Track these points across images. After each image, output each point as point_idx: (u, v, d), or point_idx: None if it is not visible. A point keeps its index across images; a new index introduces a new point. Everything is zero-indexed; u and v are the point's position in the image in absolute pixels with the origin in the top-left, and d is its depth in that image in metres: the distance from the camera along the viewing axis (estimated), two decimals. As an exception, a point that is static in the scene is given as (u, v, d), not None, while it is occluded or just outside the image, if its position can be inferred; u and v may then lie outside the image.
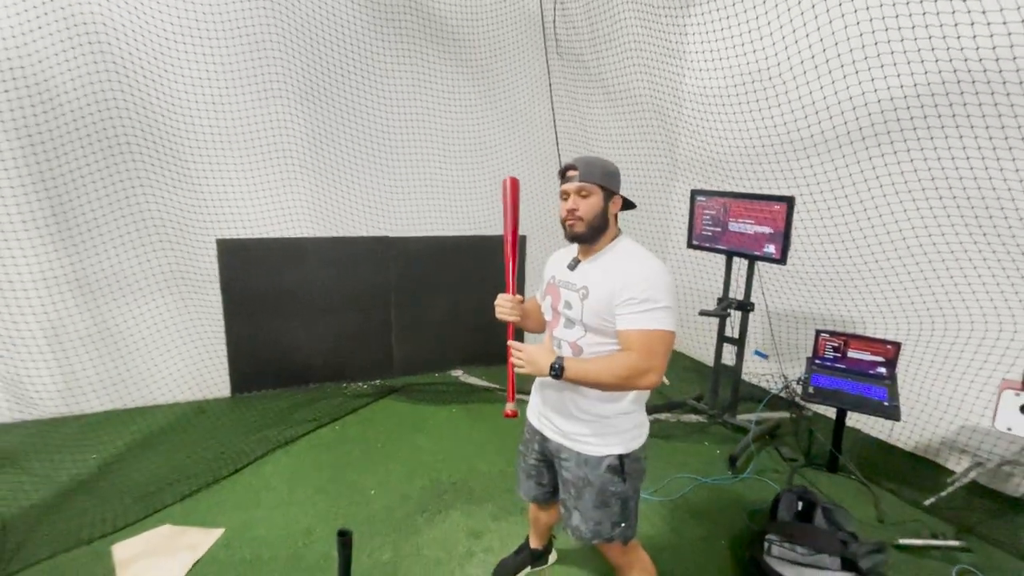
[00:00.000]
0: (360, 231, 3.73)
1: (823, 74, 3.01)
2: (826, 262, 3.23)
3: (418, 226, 3.88)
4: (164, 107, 3.10)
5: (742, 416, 3.28)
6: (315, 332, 3.72)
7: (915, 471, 2.84)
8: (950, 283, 2.68)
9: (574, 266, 1.55)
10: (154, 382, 3.38)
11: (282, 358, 3.66)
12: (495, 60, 3.82)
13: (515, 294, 1.62)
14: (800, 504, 1.99)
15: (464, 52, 3.76)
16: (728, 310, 3.15)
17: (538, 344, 1.60)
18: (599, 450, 1.52)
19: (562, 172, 1.52)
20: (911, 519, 2.45)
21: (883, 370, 2.59)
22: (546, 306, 1.63)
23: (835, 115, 3.02)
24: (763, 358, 3.78)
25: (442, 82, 3.76)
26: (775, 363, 3.52)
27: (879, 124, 2.86)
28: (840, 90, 2.97)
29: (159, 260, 3.25)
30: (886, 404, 2.47)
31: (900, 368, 2.70)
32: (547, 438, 1.64)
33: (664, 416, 3.45)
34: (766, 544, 1.89)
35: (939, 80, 2.53)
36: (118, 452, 2.85)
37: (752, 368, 3.74)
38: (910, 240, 2.83)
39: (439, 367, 4.12)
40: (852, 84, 2.90)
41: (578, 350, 1.51)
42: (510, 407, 1.56)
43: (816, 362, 2.76)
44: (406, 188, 3.81)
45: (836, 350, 2.69)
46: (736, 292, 3.21)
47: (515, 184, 1.63)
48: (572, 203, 1.47)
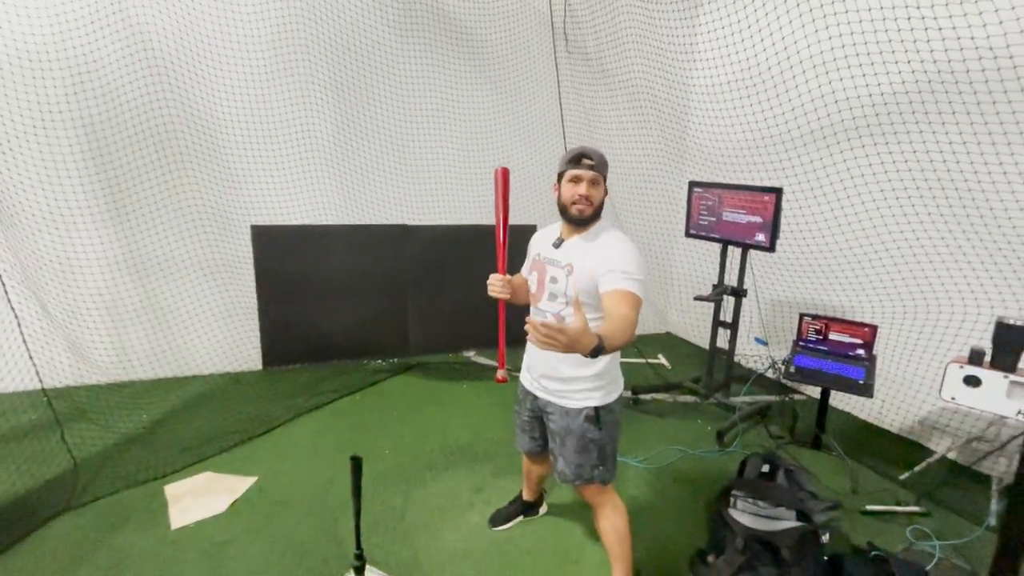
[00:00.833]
0: (380, 219, 4.03)
1: (810, 71, 3.15)
2: (811, 250, 3.38)
3: (434, 215, 4.16)
4: (207, 107, 3.45)
5: (735, 397, 3.47)
6: (338, 313, 4.04)
7: (894, 449, 3.00)
8: (919, 270, 2.86)
9: (558, 245, 1.78)
10: (195, 354, 3.75)
11: (308, 336, 4.00)
12: (506, 58, 4.06)
13: (505, 275, 1.83)
14: (766, 466, 2.19)
15: (477, 51, 4.01)
16: (722, 296, 3.33)
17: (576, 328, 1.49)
18: (578, 403, 1.76)
19: (576, 158, 1.69)
20: (885, 490, 2.62)
21: (861, 351, 2.75)
22: (532, 280, 1.87)
23: (820, 111, 3.16)
24: (763, 344, 3.93)
25: (457, 80, 4.02)
26: (768, 346, 3.69)
27: (859, 120, 3.01)
28: (822, 86, 3.12)
29: (200, 245, 3.62)
30: (861, 382, 2.64)
31: (880, 350, 2.84)
32: (537, 396, 1.88)
33: (661, 396, 3.66)
34: (731, 499, 2.10)
35: (913, 80, 2.67)
36: (165, 413, 3.22)
37: (747, 351, 3.90)
38: (886, 229, 2.97)
39: (452, 348, 4.41)
40: (835, 81, 3.05)
41: (560, 320, 1.75)
42: (501, 373, 1.83)
43: (800, 344, 2.94)
44: (423, 179, 4.09)
45: (818, 332, 2.86)
46: (730, 279, 3.39)
47: (505, 173, 1.86)
48: (585, 189, 1.67)
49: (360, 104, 3.82)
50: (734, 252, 3.35)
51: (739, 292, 3.30)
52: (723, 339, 3.50)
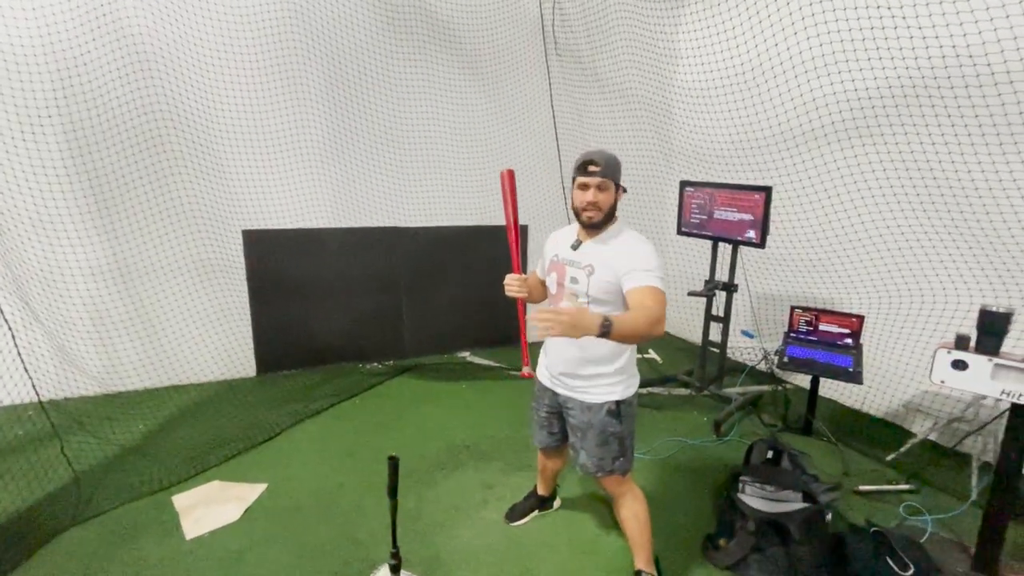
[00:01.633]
0: (374, 222, 4.02)
1: (795, 71, 3.30)
2: (801, 245, 3.53)
3: (427, 217, 4.17)
4: (197, 108, 3.38)
5: (727, 389, 3.60)
6: (333, 316, 4.02)
7: (880, 432, 3.16)
8: (903, 263, 3.03)
9: (577, 246, 1.83)
10: (187, 362, 3.68)
11: (303, 340, 3.96)
12: (498, 61, 4.11)
13: (521, 273, 1.83)
14: (770, 452, 2.30)
15: (469, 54, 4.04)
16: (714, 291, 3.45)
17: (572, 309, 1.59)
18: (599, 398, 1.82)
19: (583, 166, 1.74)
20: (873, 471, 2.77)
21: (849, 340, 2.90)
22: (550, 281, 1.92)
23: (811, 111, 3.32)
24: (750, 337, 4.08)
25: (449, 82, 4.04)
26: (758, 339, 3.83)
27: (848, 120, 3.16)
28: (800, 86, 3.27)
29: (190, 250, 3.54)
30: (851, 370, 2.78)
31: (865, 339, 3.00)
32: (557, 393, 1.93)
33: (656, 389, 3.76)
34: (740, 484, 2.20)
35: (897, 80, 2.83)
36: (161, 422, 3.15)
37: (734, 344, 4.04)
38: (871, 225, 3.13)
39: (447, 349, 4.42)
40: (814, 80, 3.20)
41: None
42: (527, 370, 1.85)
43: (791, 335, 3.07)
44: (416, 181, 4.10)
45: (808, 324, 3.00)
46: (721, 275, 3.51)
47: (511, 175, 1.83)
48: (592, 196, 1.72)
49: (353, 106, 3.80)
50: (724, 249, 3.48)
51: (730, 287, 3.42)
52: (713, 333, 3.63)
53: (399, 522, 2.33)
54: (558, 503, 2.47)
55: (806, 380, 3.52)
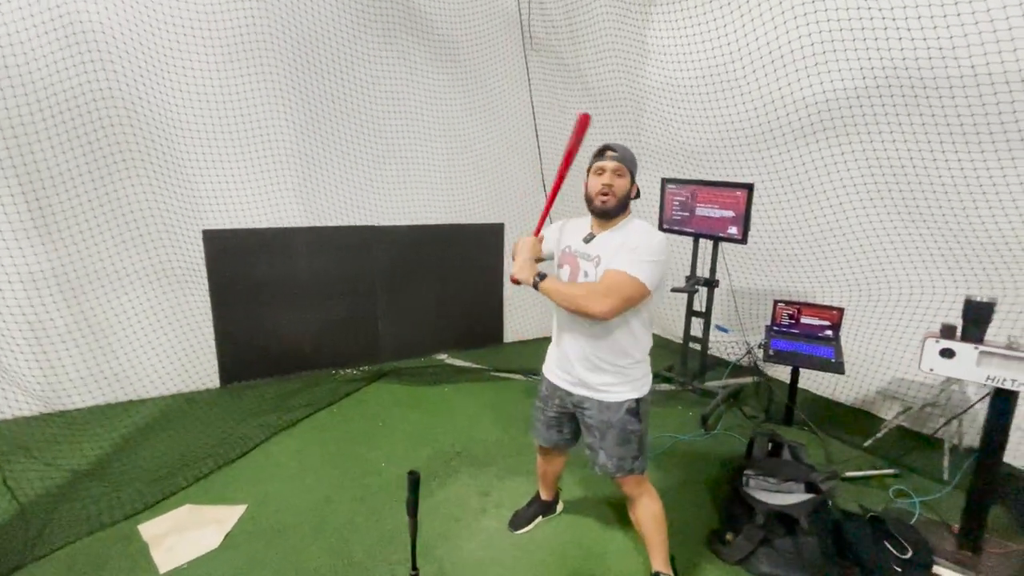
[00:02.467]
0: (346, 220, 3.82)
1: (772, 70, 3.39)
2: (781, 241, 3.63)
3: (402, 215, 4.01)
4: (149, 98, 3.09)
5: (710, 383, 3.65)
6: (303, 321, 3.79)
7: (855, 420, 3.29)
8: (873, 256, 3.17)
9: (589, 239, 1.78)
10: (141, 376, 3.36)
11: (271, 347, 3.72)
12: (476, 54, 4.00)
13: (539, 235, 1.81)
14: (770, 444, 2.33)
15: (446, 47, 3.91)
16: (696, 287, 3.50)
17: (524, 261, 1.73)
18: (618, 396, 1.77)
19: (600, 151, 1.72)
20: (854, 458, 2.87)
21: (830, 332, 3.00)
22: (563, 275, 1.85)
23: (789, 109, 3.41)
24: (724, 332, 4.17)
25: (425, 76, 3.89)
26: (739, 332, 3.91)
27: (826, 119, 3.25)
28: (768, 83, 3.37)
29: (143, 252, 3.24)
30: (833, 361, 2.87)
31: (843, 331, 3.11)
32: (570, 392, 1.86)
33: (640, 386, 3.77)
34: (744, 478, 2.21)
35: (873, 80, 2.95)
36: (116, 443, 2.86)
37: (717, 339, 4.12)
38: (850, 220, 3.25)
39: (425, 351, 4.28)
40: (802, 79, 3.30)
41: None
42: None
43: (774, 328, 3.15)
44: (391, 178, 3.93)
45: (791, 317, 3.08)
46: (702, 271, 3.56)
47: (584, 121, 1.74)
48: (608, 179, 1.68)
49: (324, 97, 3.59)
50: (704, 245, 3.52)
51: (711, 283, 3.48)
52: (694, 329, 3.67)
53: (396, 536, 2.23)
54: (561, 507, 2.41)
55: (783, 371, 3.63)
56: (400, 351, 4.17)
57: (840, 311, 2.97)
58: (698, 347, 3.67)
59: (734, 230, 3.24)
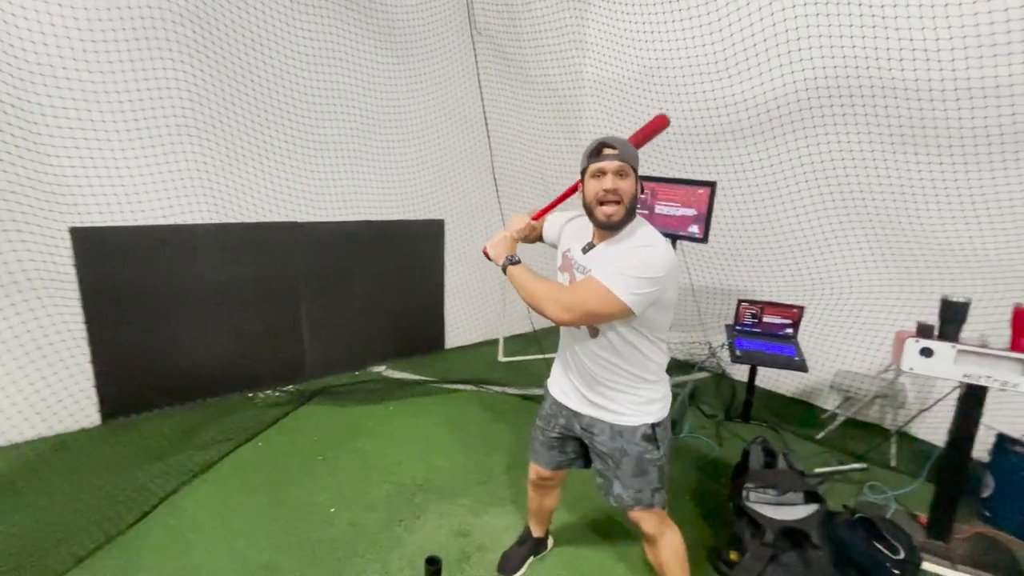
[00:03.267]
0: (263, 216, 3.22)
1: (715, 70, 3.36)
2: (737, 240, 3.64)
3: (330, 210, 3.47)
4: (-15, 49, 2.30)
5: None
6: (209, 336, 3.14)
7: (805, 414, 3.40)
8: (818, 256, 3.29)
9: (588, 249, 1.53)
10: (-17, 418, 2.56)
11: (169, 370, 3.04)
12: (418, 34, 3.55)
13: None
14: (764, 455, 2.26)
15: (385, 23, 3.42)
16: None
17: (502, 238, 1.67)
18: (633, 420, 1.54)
19: (596, 150, 1.44)
20: (813, 453, 2.93)
21: (790, 330, 3.04)
22: (564, 280, 1.61)
23: (740, 108, 3.41)
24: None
25: (362, 56, 3.37)
26: (699, 332, 3.89)
27: (775, 119, 3.29)
28: (736, 85, 3.37)
29: (-18, 257, 2.44)
30: (796, 359, 2.91)
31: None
32: (578, 413, 1.62)
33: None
34: (744, 492, 2.10)
35: (824, 80, 3.01)
36: (-51, 517, 2.11)
37: (673, 339, 4.08)
38: (807, 220, 3.32)
39: (359, 364, 3.79)
40: (745, 81, 3.30)
41: (594, 331, 1.50)
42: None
43: (737, 328, 3.13)
44: (319, 168, 3.38)
45: (754, 316, 3.08)
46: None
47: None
48: (612, 182, 1.40)
49: (236, 65, 2.96)
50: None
51: (670, 282, 3.39)
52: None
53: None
54: (551, 542, 2.14)
55: (739, 369, 3.67)
56: (330, 366, 3.64)
57: (800, 309, 3.01)
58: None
59: (695, 229, 3.17)
